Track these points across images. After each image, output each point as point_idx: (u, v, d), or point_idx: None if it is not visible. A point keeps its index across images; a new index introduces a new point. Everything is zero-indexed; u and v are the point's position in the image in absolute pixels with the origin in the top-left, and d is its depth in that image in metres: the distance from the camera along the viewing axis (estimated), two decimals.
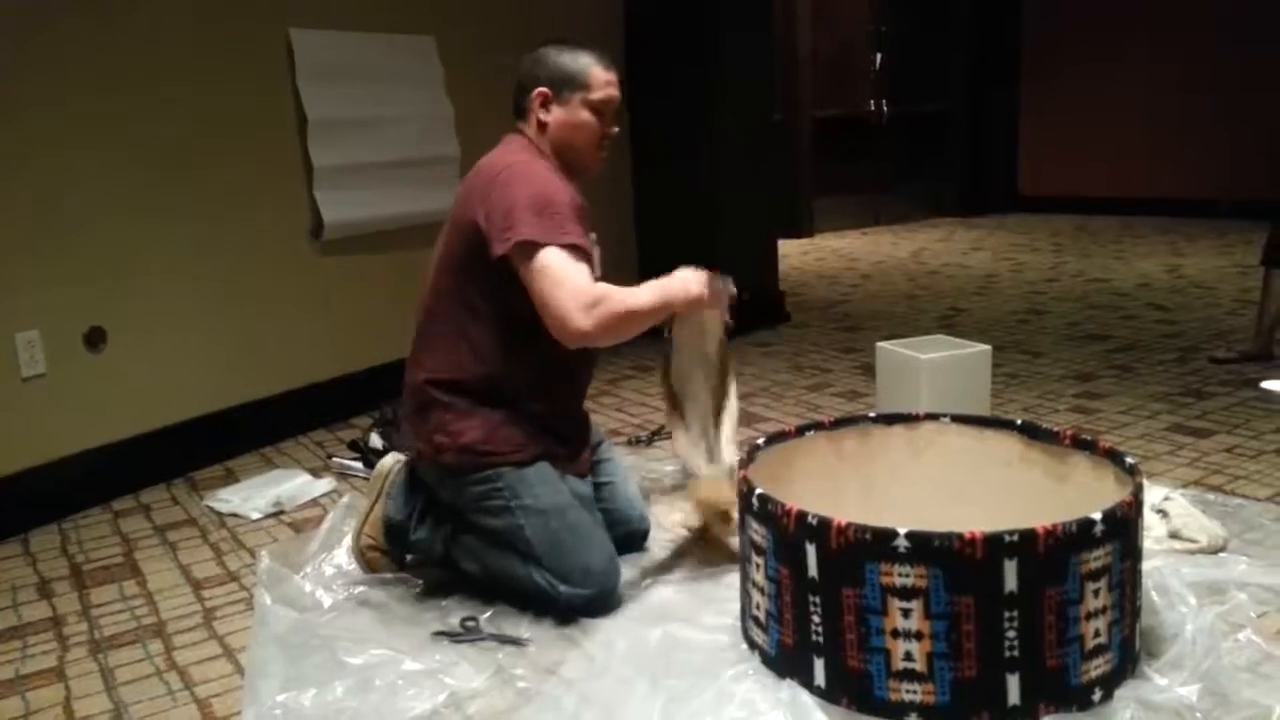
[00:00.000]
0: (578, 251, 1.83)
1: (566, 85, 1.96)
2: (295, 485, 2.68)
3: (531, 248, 1.80)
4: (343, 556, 2.17)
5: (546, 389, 1.98)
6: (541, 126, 1.98)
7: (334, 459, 2.94)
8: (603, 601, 1.90)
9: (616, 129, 2.04)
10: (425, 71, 3.55)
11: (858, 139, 8.29)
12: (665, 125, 4.36)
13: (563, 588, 1.87)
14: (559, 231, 1.82)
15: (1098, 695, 1.50)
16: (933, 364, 2.78)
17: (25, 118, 2.50)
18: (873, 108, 8.32)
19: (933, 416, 2.02)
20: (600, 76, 1.97)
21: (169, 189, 2.82)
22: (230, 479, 2.85)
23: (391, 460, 2.14)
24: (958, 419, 2.01)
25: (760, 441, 1.91)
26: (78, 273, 2.63)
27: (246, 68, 3.01)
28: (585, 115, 1.97)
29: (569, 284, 1.78)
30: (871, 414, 2.07)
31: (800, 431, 1.98)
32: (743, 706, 1.56)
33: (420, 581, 2.09)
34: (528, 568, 1.91)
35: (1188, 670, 1.56)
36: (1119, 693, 1.52)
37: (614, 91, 1.99)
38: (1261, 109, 7.08)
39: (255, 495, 2.62)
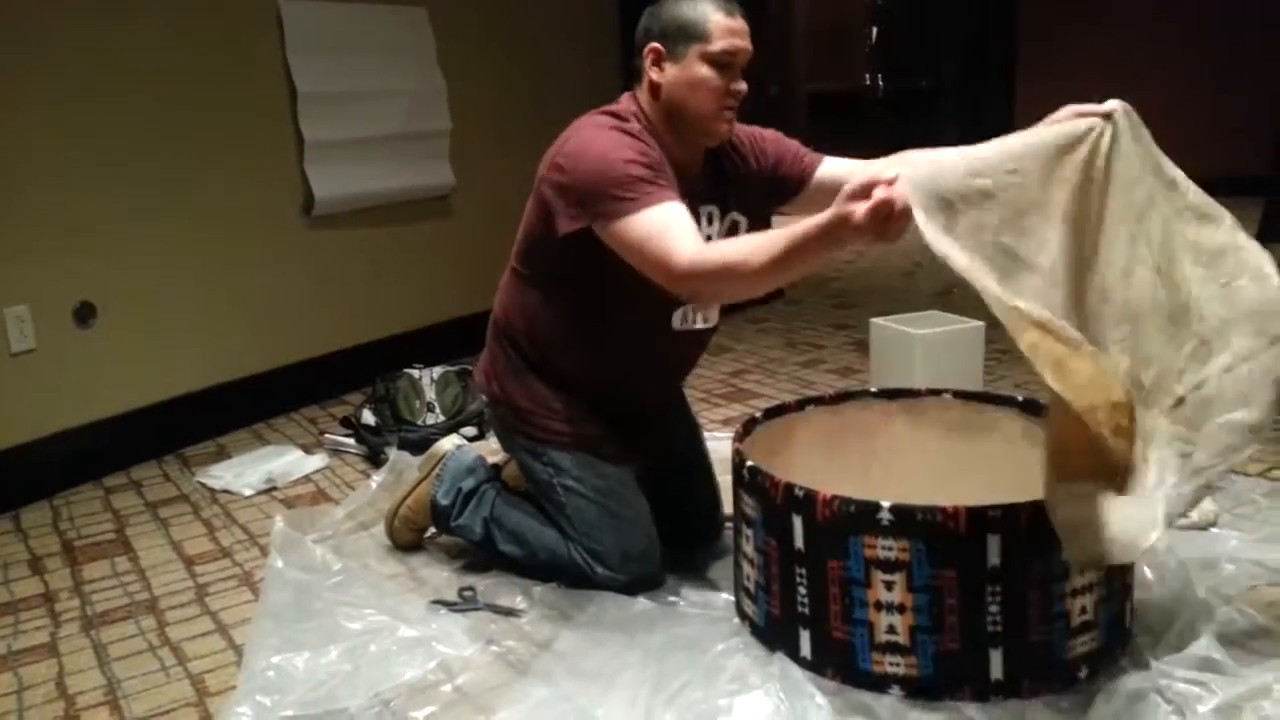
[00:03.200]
0: (663, 206, 1.64)
1: (681, 37, 1.72)
2: (287, 461, 2.69)
3: (607, 222, 1.67)
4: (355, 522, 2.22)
5: (602, 372, 1.85)
6: (654, 89, 1.76)
7: (326, 435, 2.94)
8: (640, 586, 1.87)
9: (744, 86, 1.77)
10: (417, 44, 3.52)
11: (853, 114, 8.25)
12: None
13: (599, 569, 1.86)
14: (631, 200, 1.65)
15: (1084, 672, 1.51)
16: (927, 340, 2.78)
17: (12, 93, 2.48)
18: (868, 82, 8.27)
19: (935, 392, 2.00)
20: (720, 24, 1.70)
21: (159, 164, 2.80)
22: (222, 455, 2.84)
23: (448, 444, 2.13)
24: (960, 395, 1.99)
25: (758, 415, 1.90)
26: (67, 248, 2.62)
27: (236, 40, 2.98)
28: (703, 71, 1.71)
29: (656, 239, 1.61)
30: (873, 389, 2.06)
31: (800, 405, 1.97)
32: (734, 679, 1.57)
33: (429, 550, 2.11)
34: (566, 544, 1.89)
35: (1181, 646, 1.57)
36: (1112, 671, 1.51)
37: (739, 41, 1.72)
38: (1262, 83, 7.04)
39: (247, 471, 2.62)
